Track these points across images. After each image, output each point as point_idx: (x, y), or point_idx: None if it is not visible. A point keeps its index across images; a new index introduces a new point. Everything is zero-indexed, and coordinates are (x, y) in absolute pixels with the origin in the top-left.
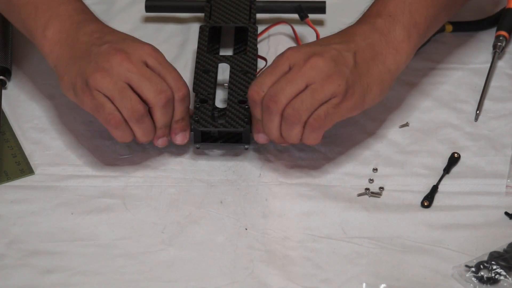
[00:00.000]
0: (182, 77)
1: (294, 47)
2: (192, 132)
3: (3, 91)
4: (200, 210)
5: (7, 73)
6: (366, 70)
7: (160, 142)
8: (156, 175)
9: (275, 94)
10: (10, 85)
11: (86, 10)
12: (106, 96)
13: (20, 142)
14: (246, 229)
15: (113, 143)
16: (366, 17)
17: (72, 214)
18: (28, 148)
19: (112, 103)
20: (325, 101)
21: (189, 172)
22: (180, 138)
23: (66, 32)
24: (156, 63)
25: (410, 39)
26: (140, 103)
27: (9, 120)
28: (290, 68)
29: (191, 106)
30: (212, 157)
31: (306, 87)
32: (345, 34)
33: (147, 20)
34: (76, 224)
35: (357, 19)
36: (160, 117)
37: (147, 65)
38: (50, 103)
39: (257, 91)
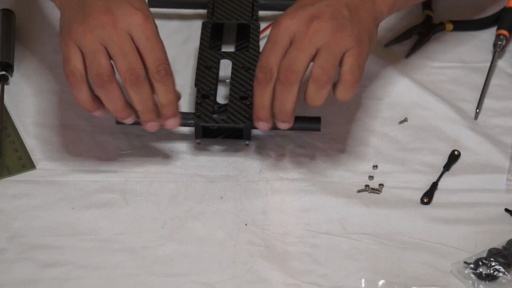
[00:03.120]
0: (165, 56)
1: (285, 14)
2: (193, 127)
3: (6, 86)
4: (200, 205)
5: (10, 68)
6: (360, 16)
7: (148, 127)
8: (156, 170)
9: (291, 65)
10: (13, 80)
11: None
12: (81, 52)
13: (21, 137)
14: (246, 224)
15: (114, 139)
16: None
17: (72, 208)
18: (29, 143)
19: (83, 62)
20: (343, 56)
21: (189, 168)
22: (170, 123)
23: None
24: (142, 37)
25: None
26: (106, 70)
27: (11, 115)
28: (291, 40)
29: (193, 102)
30: (213, 153)
31: (317, 50)
32: None
33: None
34: (77, 218)
35: None
36: (133, 95)
37: (132, 37)
38: (52, 98)
39: (265, 70)
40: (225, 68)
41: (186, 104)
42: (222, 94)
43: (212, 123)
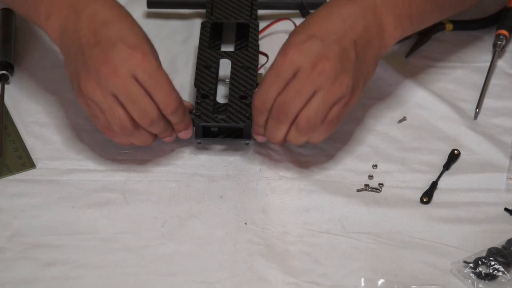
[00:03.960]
0: (171, 89)
1: (293, 42)
2: (193, 127)
3: (6, 86)
4: (200, 204)
5: (10, 68)
6: (364, 58)
7: (166, 140)
8: (156, 169)
9: (285, 105)
10: (13, 79)
11: None
12: (99, 107)
13: (22, 136)
14: (246, 223)
15: None
16: None
17: (73, 208)
18: (30, 142)
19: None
20: (335, 103)
21: (189, 167)
22: (184, 135)
23: (66, 18)
24: (145, 76)
25: (401, 27)
26: (128, 119)
27: (11, 115)
28: (294, 73)
29: (193, 102)
30: (213, 152)
31: (314, 93)
32: (341, 16)
33: (149, 16)
34: (77, 218)
35: None
36: (150, 131)
37: (136, 78)
38: (52, 98)
39: (263, 102)
40: (225, 67)
41: None
42: (222, 94)
43: (212, 123)
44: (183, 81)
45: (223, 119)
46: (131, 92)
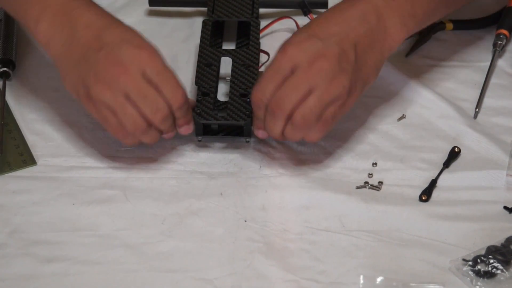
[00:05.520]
0: (179, 84)
1: (293, 41)
2: (194, 125)
3: (7, 83)
4: (200, 202)
5: (11, 64)
6: (364, 61)
7: (166, 136)
8: (157, 167)
9: (281, 100)
10: (14, 76)
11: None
12: (110, 109)
13: (23, 133)
14: (245, 221)
15: None
16: None
17: (73, 204)
18: (30, 139)
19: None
20: (330, 103)
21: (190, 164)
22: (184, 130)
23: (60, 25)
24: (153, 73)
25: (406, 28)
26: (140, 118)
27: (12, 111)
28: (292, 70)
29: (194, 100)
30: (213, 150)
31: (310, 91)
32: (343, 18)
33: (151, 13)
34: (77, 214)
35: None
36: (160, 128)
37: (145, 76)
38: (53, 95)
39: (260, 97)
40: (226, 65)
41: None
42: (222, 92)
43: (213, 121)
44: (184, 79)
45: (224, 117)
46: (142, 88)
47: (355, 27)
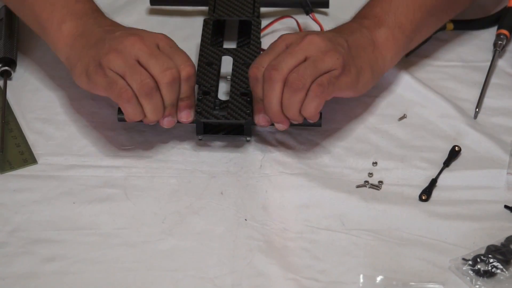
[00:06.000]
0: (190, 58)
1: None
2: (195, 124)
3: (8, 82)
4: (200, 200)
5: (12, 64)
6: (357, 54)
7: (166, 122)
8: (157, 165)
9: (277, 64)
10: (15, 75)
11: (99, 10)
12: (118, 74)
13: (23, 132)
14: (245, 220)
15: (116, 134)
16: (355, 18)
17: (74, 203)
18: (31, 138)
19: (124, 79)
20: (325, 72)
21: (190, 163)
22: (185, 115)
23: (82, 26)
24: (166, 46)
25: (394, 38)
26: (149, 78)
27: (13, 110)
28: (287, 46)
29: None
30: (214, 149)
31: (306, 59)
32: (335, 29)
33: (152, 12)
34: (78, 213)
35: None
36: (166, 93)
37: (158, 46)
38: (54, 94)
39: (257, 67)
40: (227, 64)
41: None
42: (223, 91)
43: (213, 120)
44: None
45: (224, 115)
46: (153, 52)
47: (346, 32)
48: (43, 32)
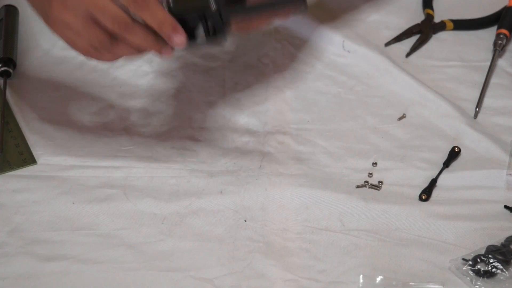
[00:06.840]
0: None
1: None
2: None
3: (8, 82)
4: (200, 200)
5: (12, 64)
6: None
7: (162, 53)
8: (157, 166)
9: None
10: (15, 76)
11: None
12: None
13: (23, 132)
14: (245, 220)
15: (115, 135)
16: None
17: (73, 203)
18: (31, 138)
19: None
20: None
21: (189, 163)
22: (176, 40)
23: None
24: None
25: None
26: (104, 34)
27: (13, 110)
28: None
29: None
30: (213, 148)
31: None
32: None
33: None
34: (77, 213)
35: None
36: (131, 40)
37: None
38: (53, 94)
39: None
40: None
41: None
42: None
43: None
44: None
45: None
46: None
47: None
48: None
